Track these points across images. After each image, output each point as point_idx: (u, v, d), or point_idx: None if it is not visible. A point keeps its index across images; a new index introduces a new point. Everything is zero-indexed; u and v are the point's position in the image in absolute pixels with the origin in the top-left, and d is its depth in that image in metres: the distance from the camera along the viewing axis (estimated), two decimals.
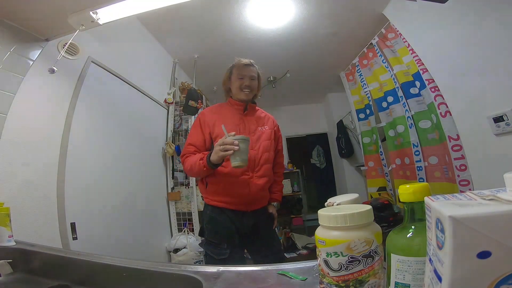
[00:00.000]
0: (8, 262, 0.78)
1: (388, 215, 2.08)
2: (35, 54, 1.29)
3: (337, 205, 0.58)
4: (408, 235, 0.35)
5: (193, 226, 2.42)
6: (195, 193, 2.47)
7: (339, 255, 0.37)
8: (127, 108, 2.04)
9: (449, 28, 1.63)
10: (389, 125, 2.50)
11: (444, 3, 1.43)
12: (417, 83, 2.05)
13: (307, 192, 5.48)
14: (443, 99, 1.78)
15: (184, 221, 2.44)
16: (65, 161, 1.38)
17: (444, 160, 1.93)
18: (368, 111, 2.98)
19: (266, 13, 2.28)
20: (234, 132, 1.06)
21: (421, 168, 2.10)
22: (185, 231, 2.34)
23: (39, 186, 1.25)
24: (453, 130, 1.73)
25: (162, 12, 1.24)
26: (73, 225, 1.36)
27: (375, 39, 2.50)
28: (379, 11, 2.26)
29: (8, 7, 1.12)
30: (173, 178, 2.53)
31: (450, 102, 1.73)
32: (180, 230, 2.42)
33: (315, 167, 5.38)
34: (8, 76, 1.16)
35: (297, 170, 4.65)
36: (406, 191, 0.35)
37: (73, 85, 1.52)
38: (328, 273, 0.38)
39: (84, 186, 1.50)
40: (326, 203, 0.62)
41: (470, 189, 0.79)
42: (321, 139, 5.11)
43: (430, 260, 0.25)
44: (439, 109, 1.83)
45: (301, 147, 5.34)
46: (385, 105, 2.51)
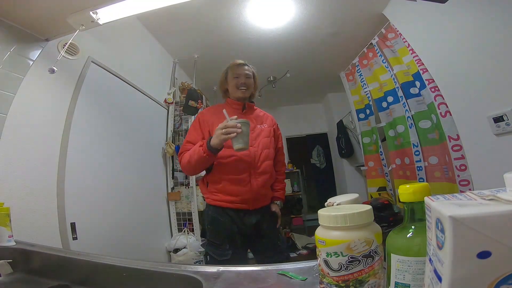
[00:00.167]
0: (8, 262, 0.78)
1: (388, 215, 2.09)
2: (35, 54, 1.29)
3: (337, 205, 0.58)
4: (408, 235, 0.35)
5: (193, 226, 2.42)
6: (195, 193, 2.47)
7: (339, 255, 0.37)
8: (127, 108, 2.04)
9: (449, 28, 1.63)
10: (389, 125, 2.50)
11: (444, 3, 1.43)
12: (417, 83, 2.05)
13: (307, 192, 5.48)
14: (443, 99, 1.78)
15: (184, 221, 2.44)
16: (65, 161, 1.38)
17: (444, 160, 1.93)
18: (368, 111, 2.98)
19: (266, 13, 2.28)
20: (236, 116, 1.07)
21: (421, 168, 2.10)
22: (185, 231, 2.34)
23: (39, 186, 1.25)
24: (453, 130, 1.73)
25: (162, 12, 1.24)
26: (73, 225, 1.36)
27: (375, 39, 2.50)
28: (379, 11, 2.26)
29: (8, 7, 1.12)
30: (173, 178, 2.53)
31: (450, 102, 1.73)
32: (180, 230, 2.42)
33: (315, 167, 5.38)
34: (8, 76, 1.16)
35: (297, 170, 4.65)
36: (406, 191, 0.35)
37: (73, 85, 1.52)
38: (328, 273, 0.38)
39: (84, 186, 1.50)
40: (326, 203, 0.62)
41: (470, 189, 0.79)
42: (321, 139, 5.12)
43: (430, 260, 0.25)
44: (439, 109, 1.82)
45: (301, 147, 5.34)
46: (385, 105, 2.51)
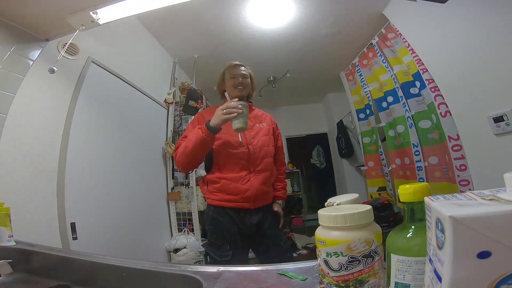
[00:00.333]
0: (8, 262, 0.78)
1: (388, 215, 2.08)
2: (35, 54, 1.29)
3: (337, 205, 0.58)
4: (408, 235, 0.35)
5: (193, 226, 2.43)
6: (195, 193, 2.47)
7: (339, 255, 0.37)
8: (127, 108, 2.04)
9: (449, 28, 1.63)
10: (389, 125, 2.50)
11: (444, 3, 1.43)
12: (417, 83, 2.05)
13: (307, 192, 5.49)
14: (443, 99, 1.78)
15: (184, 221, 2.44)
16: (65, 161, 1.38)
17: (444, 160, 1.93)
18: (368, 111, 2.98)
19: (266, 13, 2.28)
20: (236, 98, 1.14)
21: (421, 168, 2.10)
22: (185, 231, 2.34)
23: (39, 186, 1.25)
24: (453, 130, 1.73)
25: (162, 12, 1.25)
26: (73, 225, 1.36)
27: (375, 39, 2.50)
28: (379, 11, 2.26)
29: (8, 7, 1.12)
30: (173, 178, 2.53)
31: (450, 102, 1.73)
32: (180, 230, 2.42)
33: (315, 167, 5.38)
34: (8, 76, 1.16)
35: (297, 170, 4.65)
36: (406, 191, 0.35)
37: (73, 85, 1.52)
38: (328, 273, 0.38)
39: (84, 186, 1.50)
40: (326, 203, 0.62)
41: (470, 189, 0.79)
42: (321, 139, 5.11)
43: (430, 260, 0.25)
44: (439, 109, 1.83)
45: (301, 147, 5.34)
46: (385, 105, 2.51)
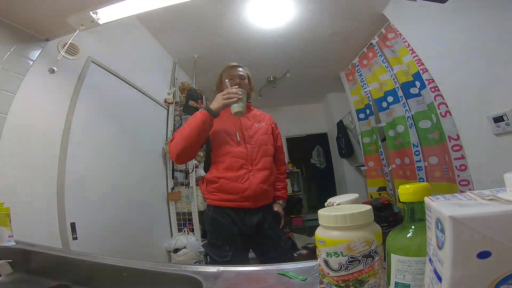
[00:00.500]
0: (8, 262, 0.78)
1: (388, 215, 2.08)
2: (35, 54, 1.29)
3: (337, 205, 0.58)
4: (408, 235, 0.35)
5: (193, 226, 2.43)
6: (195, 193, 2.47)
7: (339, 255, 0.36)
8: (127, 108, 2.04)
9: (449, 28, 1.63)
10: (389, 125, 2.50)
11: (444, 3, 1.42)
12: (417, 83, 2.05)
13: (307, 192, 5.48)
14: (443, 99, 1.78)
15: (184, 221, 2.44)
16: (65, 161, 1.38)
17: (444, 160, 1.93)
18: (368, 111, 2.98)
19: (266, 13, 2.28)
20: (236, 86, 1.21)
21: (421, 168, 2.10)
22: (185, 231, 2.34)
23: (39, 186, 1.25)
24: (453, 130, 1.73)
25: (162, 12, 1.24)
26: (73, 225, 1.36)
27: (375, 39, 2.50)
28: (379, 11, 2.26)
29: (8, 7, 1.12)
30: (173, 178, 2.53)
31: (450, 102, 1.73)
32: (180, 230, 2.42)
33: (315, 167, 5.38)
34: (8, 76, 1.16)
35: (297, 170, 4.65)
36: (406, 191, 0.35)
37: (73, 85, 1.52)
38: (328, 273, 0.38)
39: (84, 186, 1.50)
40: (326, 203, 0.62)
41: (470, 189, 0.79)
42: (321, 139, 5.11)
43: (430, 260, 0.25)
44: (439, 109, 1.82)
45: (301, 147, 5.34)
46: (385, 105, 2.51)
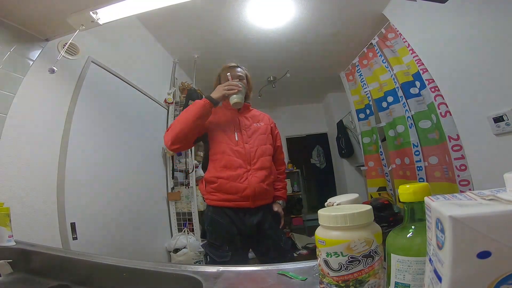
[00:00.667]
0: (8, 262, 0.78)
1: (388, 215, 2.08)
2: (35, 54, 1.29)
3: (337, 205, 0.58)
4: (408, 235, 0.35)
5: (193, 226, 2.42)
6: (195, 193, 2.47)
7: (339, 255, 0.37)
8: (127, 108, 2.04)
9: (449, 28, 1.63)
10: (389, 125, 2.50)
11: (444, 3, 1.43)
12: (417, 83, 2.05)
13: (307, 192, 5.48)
14: (443, 99, 1.78)
15: (184, 221, 2.44)
16: (65, 161, 1.38)
17: (444, 160, 1.93)
18: (368, 111, 2.98)
19: (266, 13, 2.27)
20: (237, 79, 1.28)
21: (421, 168, 2.10)
22: (185, 231, 2.34)
23: (39, 186, 1.25)
24: (453, 130, 1.73)
25: (162, 12, 1.24)
26: (73, 225, 1.36)
27: (375, 39, 2.50)
28: (379, 11, 2.26)
29: (8, 7, 1.12)
30: (173, 178, 2.53)
31: (450, 102, 1.73)
32: (180, 230, 2.42)
33: (315, 167, 5.38)
34: (8, 76, 1.16)
35: (297, 170, 4.65)
36: (406, 191, 0.35)
37: (73, 85, 1.52)
38: (328, 273, 0.38)
39: (84, 186, 1.50)
40: (326, 203, 0.62)
41: (470, 189, 0.79)
42: (321, 139, 5.11)
43: (430, 260, 0.25)
44: (439, 109, 1.82)
45: (301, 147, 5.34)
46: (385, 105, 2.51)
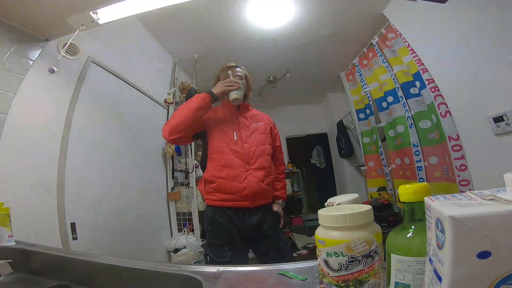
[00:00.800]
0: (8, 262, 0.78)
1: (388, 215, 2.08)
2: (35, 54, 1.29)
3: (337, 205, 0.58)
4: (408, 235, 0.35)
5: (193, 226, 2.43)
6: (195, 193, 2.47)
7: (339, 255, 0.36)
8: (127, 108, 2.04)
9: (449, 28, 1.63)
10: (389, 125, 2.50)
11: (444, 3, 1.43)
12: (417, 83, 2.05)
13: (307, 192, 5.48)
14: (443, 99, 1.78)
15: (184, 221, 2.44)
16: (65, 161, 1.38)
17: (444, 160, 1.93)
18: (368, 111, 2.98)
19: (266, 13, 2.28)
20: (238, 76, 1.32)
21: (421, 168, 2.10)
22: (185, 231, 2.34)
23: (39, 186, 1.25)
24: (453, 130, 1.73)
25: (162, 12, 1.24)
26: (73, 225, 1.36)
27: (375, 39, 2.50)
28: (379, 11, 2.26)
29: (8, 7, 1.12)
30: (173, 178, 2.53)
31: (450, 102, 1.73)
32: (180, 230, 2.42)
33: (315, 167, 5.38)
34: (8, 76, 1.16)
35: (297, 170, 4.65)
36: (406, 191, 0.35)
37: (73, 85, 1.52)
38: (328, 273, 0.38)
39: (84, 186, 1.50)
40: (326, 203, 0.62)
41: (470, 189, 0.79)
42: (321, 139, 5.11)
43: (430, 260, 0.25)
44: (439, 109, 1.82)
45: (301, 147, 5.34)
46: (385, 105, 2.51)
